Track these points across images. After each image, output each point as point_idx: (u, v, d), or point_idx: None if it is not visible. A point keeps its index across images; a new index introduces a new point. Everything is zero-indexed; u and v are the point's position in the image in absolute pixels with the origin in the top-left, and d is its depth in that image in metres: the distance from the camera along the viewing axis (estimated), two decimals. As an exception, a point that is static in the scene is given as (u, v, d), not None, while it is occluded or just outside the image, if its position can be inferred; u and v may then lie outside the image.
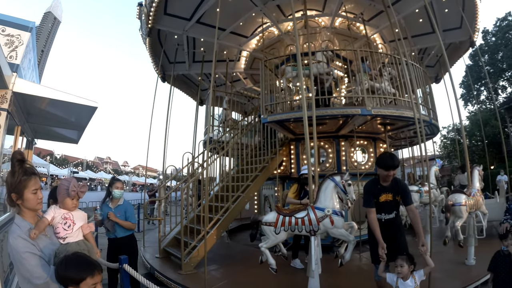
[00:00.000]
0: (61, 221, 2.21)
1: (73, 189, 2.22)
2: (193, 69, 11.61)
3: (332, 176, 4.81)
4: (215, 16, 8.75)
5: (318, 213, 4.58)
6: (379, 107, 6.78)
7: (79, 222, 2.29)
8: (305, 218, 4.61)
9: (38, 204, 2.06)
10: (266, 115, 6.58)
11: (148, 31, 8.73)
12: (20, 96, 3.34)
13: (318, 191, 4.80)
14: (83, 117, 4.22)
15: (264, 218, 4.90)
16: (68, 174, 30.59)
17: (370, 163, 8.65)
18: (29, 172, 2.01)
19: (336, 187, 4.72)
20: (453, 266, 5.66)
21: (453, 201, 6.44)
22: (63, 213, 2.25)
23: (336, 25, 9.78)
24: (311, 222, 4.56)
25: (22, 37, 3.49)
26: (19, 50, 3.42)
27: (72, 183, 2.26)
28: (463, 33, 9.74)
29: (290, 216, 4.71)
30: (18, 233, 1.91)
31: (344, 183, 4.69)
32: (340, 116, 6.80)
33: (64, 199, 2.26)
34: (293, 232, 4.73)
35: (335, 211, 4.60)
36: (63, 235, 2.19)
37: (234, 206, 6.38)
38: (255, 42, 10.51)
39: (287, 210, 5.03)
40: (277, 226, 4.70)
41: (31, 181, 2.00)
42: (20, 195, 1.96)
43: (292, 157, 8.21)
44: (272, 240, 4.78)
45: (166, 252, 6.59)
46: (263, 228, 4.83)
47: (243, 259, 6.73)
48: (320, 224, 4.54)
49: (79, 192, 2.25)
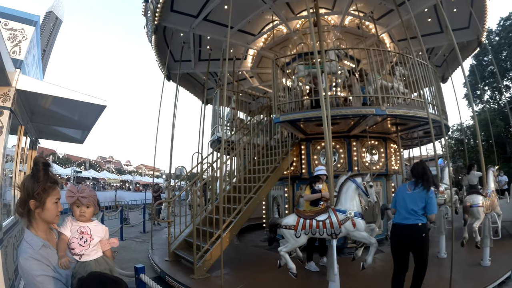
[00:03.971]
0: (77, 236, 1.98)
1: (70, 195, 1.98)
2: (198, 67, 11.42)
3: (353, 178, 4.80)
4: (223, 13, 8.68)
5: (340, 215, 4.53)
6: (393, 107, 6.68)
7: (97, 237, 2.04)
8: (327, 221, 4.53)
9: (57, 216, 1.86)
10: (278, 115, 6.37)
11: (154, 28, 8.53)
12: (24, 94, 3.12)
13: (339, 193, 4.76)
14: (90, 116, 3.99)
15: (283, 221, 4.76)
16: (71, 173, 30.48)
17: (381, 164, 8.50)
18: (53, 180, 1.83)
19: (358, 189, 4.71)
20: (469, 267, 5.57)
21: (471, 203, 6.47)
22: (79, 227, 2.00)
23: (345, 24, 9.62)
24: (333, 225, 4.50)
25: (26, 32, 3.27)
26: (23, 45, 3.21)
27: (68, 188, 2.05)
28: (471, 32, 9.71)
29: (311, 218, 4.61)
30: (29, 253, 1.67)
31: (366, 185, 4.69)
32: (352, 116, 6.68)
33: (71, 208, 2.04)
34: (313, 235, 4.63)
35: (357, 213, 4.56)
36: (79, 252, 1.95)
37: (246, 207, 6.16)
38: (262, 40, 10.32)
39: (307, 212, 4.90)
40: (298, 230, 4.59)
41: (54, 190, 1.82)
42: (42, 203, 1.74)
43: (303, 157, 8.00)
44: (292, 244, 4.67)
45: (176, 255, 6.38)
46: (283, 231, 4.71)
47: (255, 262, 6.55)
48: (342, 227, 4.49)
49: (79, 198, 1.98)
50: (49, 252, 1.77)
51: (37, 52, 3.94)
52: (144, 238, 10.17)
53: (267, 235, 9.74)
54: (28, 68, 3.46)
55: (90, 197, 2.02)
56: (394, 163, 8.94)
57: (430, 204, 3.82)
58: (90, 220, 2.08)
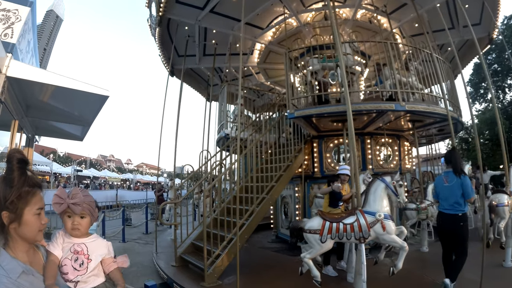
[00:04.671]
0: (70, 256, 1.50)
1: (57, 201, 1.48)
2: (203, 63, 11.06)
3: (382, 177, 4.54)
4: (230, 5, 8.35)
5: (368, 218, 4.24)
6: (411, 103, 6.42)
7: (97, 257, 1.56)
8: (355, 224, 4.21)
9: (40, 232, 1.37)
10: (292, 110, 5.98)
11: (158, 20, 8.13)
12: (16, 83, 2.72)
13: (367, 193, 4.49)
14: (91, 109, 3.58)
15: (307, 225, 4.40)
16: (71, 172, 30.10)
17: (395, 162, 8.22)
18: (32, 182, 1.34)
19: (387, 189, 4.45)
20: (492, 268, 5.27)
21: (496, 202, 6.32)
22: (73, 244, 1.53)
23: (357, 18, 9.36)
24: (361, 228, 4.18)
25: (20, 13, 2.87)
26: (16, 27, 2.80)
27: (56, 192, 1.52)
28: (482, 29, 9.54)
29: (338, 222, 4.25)
30: (5, 283, 1.22)
31: (395, 184, 4.43)
32: (367, 112, 6.37)
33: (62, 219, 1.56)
34: (340, 240, 4.33)
35: (386, 215, 4.29)
36: (73, 278, 1.48)
37: (259, 209, 5.77)
38: (271, 34, 9.94)
39: (333, 215, 4.56)
40: (323, 234, 4.24)
41: (35, 196, 1.34)
42: (18, 215, 1.28)
43: (315, 155, 7.65)
44: (317, 250, 4.33)
45: (183, 260, 5.97)
46: (306, 236, 4.36)
47: (267, 266, 6.13)
48: (371, 230, 4.18)
49: (71, 206, 1.48)
50: (32, 280, 1.31)
51: (32, 38, 3.53)
52: (147, 240, 9.80)
53: (275, 236, 9.54)
54: (22, 55, 3.05)
55: (85, 203, 1.53)
56: (407, 162, 8.65)
57: (465, 190, 4.22)
58: (86, 234, 1.59)
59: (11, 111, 3.08)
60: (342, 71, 4.71)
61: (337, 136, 7.62)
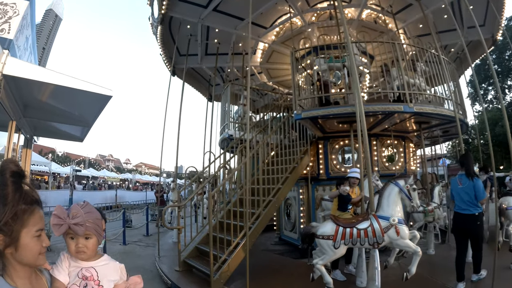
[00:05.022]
0: (78, 282, 1.29)
1: (56, 222, 1.25)
2: (205, 62, 10.88)
3: (396, 181, 4.45)
4: (234, 4, 8.23)
5: (382, 222, 4.15)
6: (419, 104, 6.30)
7: (110, 282, 1.36)
8: (369, 229, 4.12)
9: (40, 255, 1.15)
10: (299, 111, 5.81)
11: (160, 19, 7.95)
12: (13, 81, 2.55)
13: (380, 198, 4.40)
14: (92, 109, 3.39)
15: (319, 230, 4.27)
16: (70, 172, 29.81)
17: (401, 163, 8.09)
18: (30, 199, 1.12)
19: (401, 193, 4.36)
20: (500, 271, 5.03)
21: (506, 205, 6.38)
22: (80, 269, 1.32)
23: (362, 18, 9.24)
24: (375, 233, 4.09)
25: (17, 6, 2.71)
26: (13, 22, 2.64)
27: (54, 212, 1.27)
28: (485, 31, 9.41)
29: (351, 227, 4.14)
30: None
31: (409, 188, 4.34)
32: (373, 114, 6.25)
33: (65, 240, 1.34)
34: (354, 245, 4.23)
35: (400, 220, 4.21)
36: None
37: (265, 212, 5.61)
38: (274, 33, 9.78)
39: (346, 220, 4.44)
40: (337, 240, 4.12)
41: (33, 216, 1.12)
42: (14, 238, 1.07)
43: (320, 157, 7.51)
44: (330, 256, 4.21)
45: (187, 265, 5.78)
46: (319, 242, 4.24)
47: (274, 270, 5.92)
48: (385, 235, 4.10)
49: (72, 227, 1.25)
50: None
51: (31, 34, 3.36)
52: (147, 242, 9.62)
53: (278, 238, 9.37)
54: (19, 52, 2.88)
55: (88, 222, 1.30)
56: (412, 163, 8.53)
57: (477, 191, 4.41)
58: (94, 255, 1.37)
59: (8, 111, 2.91)
60: (354, 71, 4.55)
61: (342, 137, 7.48)
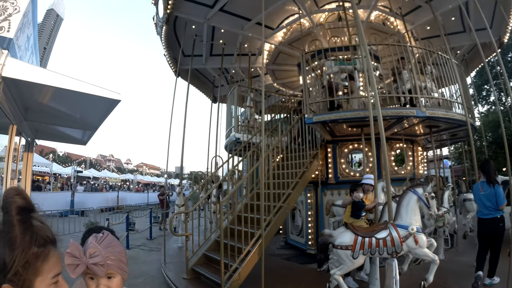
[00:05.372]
0: None
1: (72, 262, 1.02)
2: (209, 63, 10.70)
3: (414, 188, 4.37)
4: (241, 4, 8.08)
5: (401, 231, 4.06)
6: (431, 109, 6.18)
7: None
8: (387, 238, 4.01)
9: None
10: (311, 115, 5.62)
11: (166, 18, 7.76)
12: (14, 84, 2.36)
13: (398, 206, 4.31)
14: (98, 113, 3.19)
15: (337, 240, 4.11)
16: (71, 173, 29.62)
17: (409, 167, 7.92)
18: (42, 239, 0.87)
19: (419, 201, 4.28)
20: None
21: None
22: None
23: (371, 19, 9.11)
24: (394, 242, 3.99)
25: (18, 3, 2.51)
26: (14, 19, 2.44)
27: (68, 249, 1.04)
28: (492, 33, 9.32)
29: (370, 236, 4.01)
30: None
31: (427, 196, 4.27)
32: (390, 118, 6.06)
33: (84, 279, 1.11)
34: (372, 255, 4.08)
35: (419, 228, 4.15)
36: None
37: (276, 218, 5.40)
38: (281, 35, 9.61)
39: (364, 229, 4.30)
40: (355, 250, 3.97)
41: (48, 260, 0.86)
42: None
43: (329, 161, 7.30)
44: (348, 266, 4.09)
45: (195, 272, 5.57)
46: (337, 252, 4.09)
47: (283, 277, 5.68)
48: (404, 244, 4.02)
49: (91, 267, 1.03)
50: None
51: (32, 33, 3.16)
52: (151, 246, 9.42)
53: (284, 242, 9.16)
54: (20, 52, 2.69)
55: (110, 259, 1.08)
56: (421, 167, 8.38)
57: (498, 198, 4.70)
58: None
59: (8, 115, 2.72)
60: (371, 74, 4.36)
61: (351, 141, 7.30)
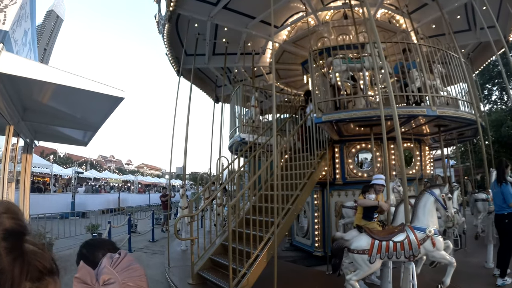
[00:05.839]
0: None
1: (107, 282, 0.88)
2: (212, 62, 10.55)
3: (431, 190, 4.27)
4: (245, 1, 7.92)
5: (419, 234, 3.96)
6: (441, 108, 6.13)
7: None
8: (405, 241, 3.89)
9: None
10: (320, 114, 5.45)
11: (168, 16, 7.59)
12: (10, 80, 2.18)
13: (415, 207, 4.19)
14: (101, 112, 3.01)
15: (353, 245, 3.97)
16: (72, 174, 29.42)
17: (417, 167, 7.83)
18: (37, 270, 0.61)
19: (436, 202, 4.19)
20: None
21: None
22: None
23: (377, 17, 9.00)
24: (411, 245, 3.87)
25: (15, -6, 2.34)
26: (10, 11, 2.26)
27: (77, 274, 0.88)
28: (497, 32, 9.07)
29: (387, 240, 3.88)
30: None
31: (444, 197, 4.17)
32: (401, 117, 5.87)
33: None
34: (389, 259, 3.95)
35: (436, 230, 4.06)
36: None
37: (284, 221, 5.22)
38: (285, 33, 9.46)
39: (380, 232, 4.17)
40: (372, 254, 3.83)
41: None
42: None
43: (336, 161, 7.16)
44: (365, 271, 3.96)
45: (201, 277, 5.39)
46: (354, 257, 3.95)
47: (290, 280, 5.47)
48: (421, 247, 3.91)
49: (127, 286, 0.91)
50: None
51: (30, 28, 2.98)
52: (154, 249, 9.24)
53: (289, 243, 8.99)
54: (17, 46, 2.51)
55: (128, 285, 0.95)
56: (428, 167, 8.27)
57: (505, 195, 4.95)
58: None
59: (5, 115, 2.55)
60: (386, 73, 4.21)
61: (359, 141, 7.17)
